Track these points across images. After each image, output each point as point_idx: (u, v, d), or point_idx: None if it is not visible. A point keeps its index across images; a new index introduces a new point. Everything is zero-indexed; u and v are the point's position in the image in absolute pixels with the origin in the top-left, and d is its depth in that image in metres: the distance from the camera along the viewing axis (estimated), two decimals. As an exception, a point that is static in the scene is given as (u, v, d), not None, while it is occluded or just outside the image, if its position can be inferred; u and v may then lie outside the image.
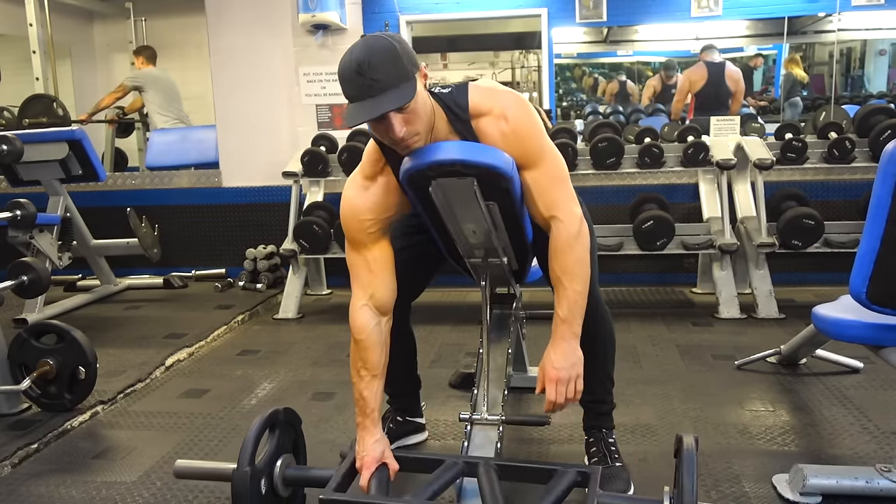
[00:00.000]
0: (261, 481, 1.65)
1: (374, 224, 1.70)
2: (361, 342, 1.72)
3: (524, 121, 1.63)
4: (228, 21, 4.51)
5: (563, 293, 1.66)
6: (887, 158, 1.60)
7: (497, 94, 1.65)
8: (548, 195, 1.65)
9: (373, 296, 1.72)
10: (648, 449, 2.14)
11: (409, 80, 1.48)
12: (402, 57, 1.49)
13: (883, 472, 1.82)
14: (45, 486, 2.07)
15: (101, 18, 7.17)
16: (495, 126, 1.61)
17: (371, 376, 1.73)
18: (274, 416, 1.73)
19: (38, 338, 2.54)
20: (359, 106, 1.48)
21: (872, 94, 6.44)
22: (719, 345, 3.13)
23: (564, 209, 1.65)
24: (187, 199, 4.69)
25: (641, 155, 3.86)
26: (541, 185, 1.64)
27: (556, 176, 1.66)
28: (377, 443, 1.72)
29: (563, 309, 1.65)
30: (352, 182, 1.74)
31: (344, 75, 1.50)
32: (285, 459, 1.74)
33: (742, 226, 3.79)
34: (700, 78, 5.45)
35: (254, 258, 4.45)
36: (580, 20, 5.69)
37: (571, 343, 1.65)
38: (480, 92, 1.64)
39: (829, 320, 1.99)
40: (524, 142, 1.62)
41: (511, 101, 1.64)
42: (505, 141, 1.60)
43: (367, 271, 1.73)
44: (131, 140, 6.61)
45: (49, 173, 3.89)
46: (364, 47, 1.49)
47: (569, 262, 1.64)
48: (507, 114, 1.61)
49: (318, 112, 4.58)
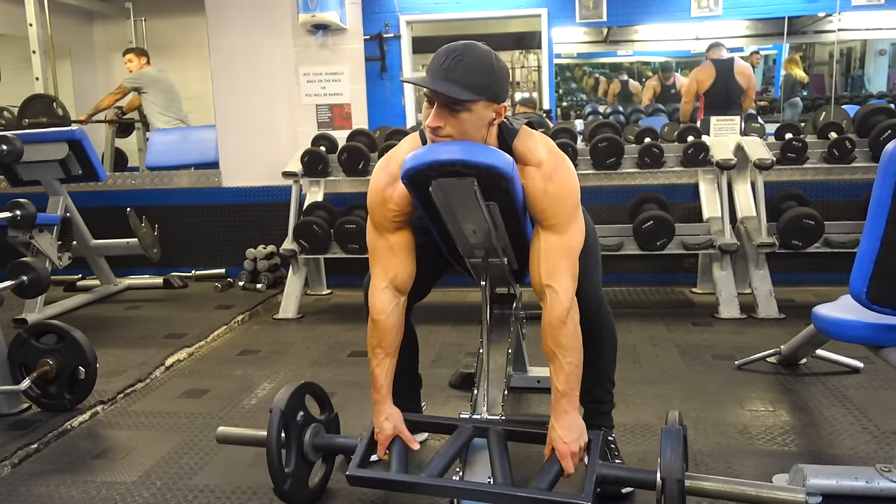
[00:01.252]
0: (292, 448, 1.79)
1: (399, 215, 1.74)
2: (380, 322, 1.78)
3: (569, 188, 1.67)
4: (228, 21, 4.51)
5: (559, 367, 1.68)
6: (887, 158, 1.60)
7: (550, 150, 1.69)
8: (552, 262, 1.67)
9: (394, 278, 1.78)
10: (648, 449, 2.14)
11: (477, 92, 1.53)
12: (490, 75, 1.55)
13: (883, 472, 1.82)
14: (45, 486, 2.07)
15: (101, 18, 7.17)
16: (541, 180, 1.65)
17: (385, 354, 1.80)
18: (308, 386, 1.90)
19: (38, 338, 2.54)
20: (422, 75, 1.55)
21: (872, 94, 6.45)
22: (719, 345, 3.13)
23: (562, 282, 1.67)
24: (187, 199, 4.69)
25: (641, 155, 3.86)
26: (551, 249, 1.67)
27: (571, 248, 1.69)
28: (388, 419, 1.80)
29: (562, 383, 1.68)
30: (384, 168, 1.76)
31: (436, 53, 1.57)
32: (315, 428, 1.86)
33: (742, 226, 3.79)
34: (708, 77, 5.27)
35: (254, 258, 4.45)
36: (580, 20, 5.70)
37: (573, 415, 1.69)
38: (532, 140, 1.69)
39: (829, 320, 1.99)
40: (560, 205, 1.66)
41: (563, 163, 1.68)
42: (545, 198, 1.65)
43: (390, 254, 1.77)
44: (131, 140, 6.62)
45: (49, 173, 3.89)
46: (469, 45, 1.57)
47: (562, 338, 1.67)
48: (555, 176, 1.66)
49: (318, 112, 4.58)
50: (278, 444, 1.74)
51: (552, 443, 1.69)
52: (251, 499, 1.95)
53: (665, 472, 1.53)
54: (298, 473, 1.81)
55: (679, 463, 1.54)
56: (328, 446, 1.89)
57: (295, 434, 1.80)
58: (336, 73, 4.52)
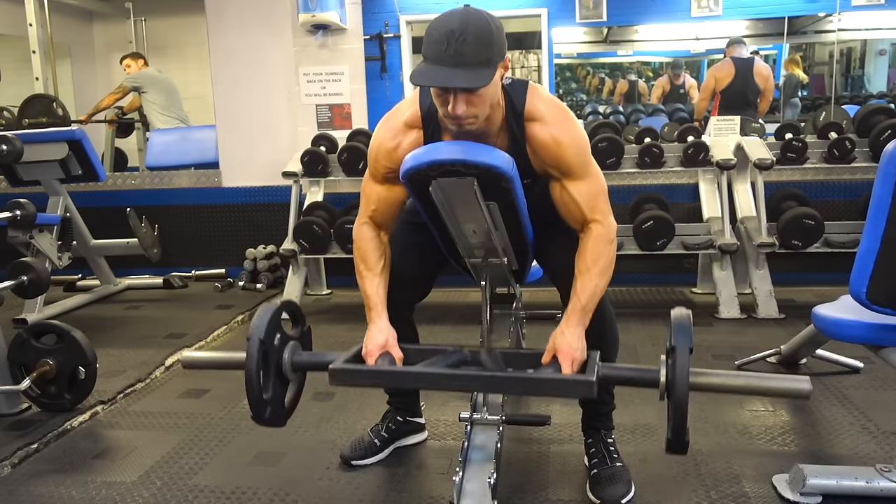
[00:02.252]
0: (270, 368, 1.71)
1: (392, 173, 1.76)
2: (361, 247, 1.86)
3: (577, 134, 1.71)
4: (228, 21, 4.50)
5: (587, 283, 1.71)
6: (887, 158, 1.61)
7: (555, 105, 1.72)
8: (591, 201, 1.74)
9: (373, 215, 1.85)
10: (648, 449, 2.14)
11: (490, 66, 1.52)
12: (495, 42, 1.52)
13: (883, 472, 1.82)
14: (45, 486, 2.07)
15: (101, 18, 7.18)
16: (548, 133, 1.68)
17: (372, 274, 1.84)
18: (287, 305, 1.82)
19: (37, 338, 2.54)
20: (432, 69, 1.51)
21: (872, 94, 6.45)
22: (719, 345, 3.13)
23: (608, 216, 1.77)
24: (187, 199, 4.69)
25: (641, 155, 3.86)
26: (585, 195, 1.73)
27: (602, 189, 1.76)
28: (381, 332, 1.78)
29: (585, 298, 1.70)
30: (390, 121, 1.79)
31: (431, 35, 1.52)
32: (293, 346, 1.78)
33: (742, 226, 3.79)
34: (727, 75, 5.17)
35: (254, 258, 4.45)
36: (580, 20, 5.71)
37: (581, 329, 1.70)
38: (538, 96, 1.71)
39: (829, 320, 1.99)
40: (573, 152, 1.69)
41: (567, 114, 1.72)
42: (558, 147, 1.68)
43: (376, 200, 1.84)
44: (131, 140, 6.62)
45: (49, 173, 3.89)
46: (463, 17, 1.51)
47: (601, 259, 1.73)
48: (562, 125, 1.69)
49: (318, 112, 4.58)
50: (258, 374, 1.65)
51: (556, 346, 1.67)
52: (251, 499, 1.95)
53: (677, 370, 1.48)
54: (276, 396, 1.74)
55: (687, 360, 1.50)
56: (307, 364, 1.80)
57: (274, 358, 1.72)
58: (336, 73, 4.51)
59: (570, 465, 2.07)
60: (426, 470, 2.09)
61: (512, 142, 1.71)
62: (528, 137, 1.70)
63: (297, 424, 2.43)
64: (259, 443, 2.30)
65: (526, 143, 1.70)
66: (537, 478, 2.00)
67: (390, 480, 2.03)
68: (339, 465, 2.12)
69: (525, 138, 1.70)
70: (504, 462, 1.96)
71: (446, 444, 2.25)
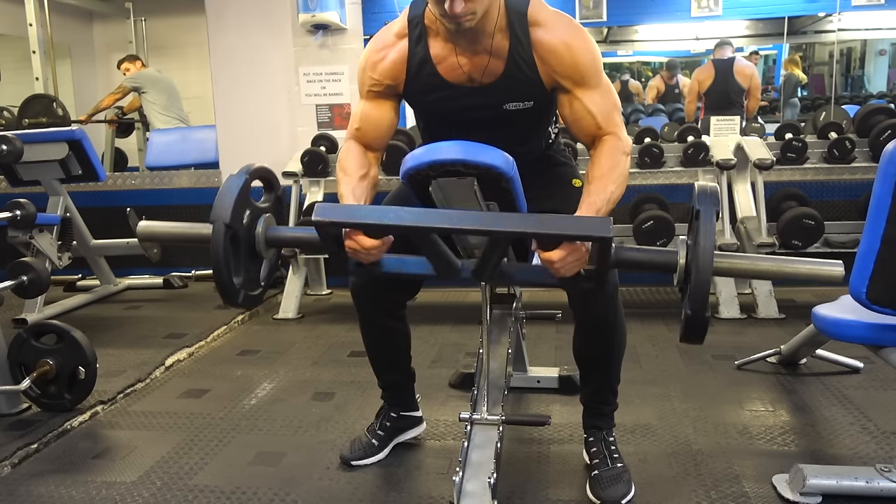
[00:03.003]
0: (240, 241, 1.57)
1: (377, 85, 1.75)
2: (342, 158, 1.79)
3: (589, 41, 1.64)
4: (228, 21, 4.50)
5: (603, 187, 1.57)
6: (887, 158, 1.60)
7: (561, 13, 1.66)
8: (604, 112, 1.64)
9: (356, 136, 1.80)
10: (648, 449, 2.14)
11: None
12: None
13: (883, 472, 1.82)
14: (45, 486, 2.07)
15: (101, 18, 7.18)
16: (558, 38, 1.61)
17: (348, 178, 1.72)
18: (257, 171, 1.64)
19: (37, 338, 2.54)
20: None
21: (872, 94, 6.46)
22: (719, 345, 3.13)
23: (622, 130, 1.66)
24: (187, 199, 4.69)
25: (641, 155, 3.86)
26: (601, 106, 1.63)
27: (617, 104, 1.68)
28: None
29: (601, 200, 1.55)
30: (380, 35, 1.76)
31: None
32: (266, 220, 1.66)
33: (742, 226, 3.79)
34: (707, 77, 5.26)
35: (254, 258, 4.44)
36: (580, 20, 5.67)
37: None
38: (542, 4, 1.65)
39: (829, 320, 1.99)
40: (586, 58, 1.61)
41: (574, 22, 1.65)
42: (570, 52, 1.60)
43: (360, 117, 1.80)
44: (131, 140, 6.63)
45: (49, 173, 3.89)
46: None
47: (618, 167, 1.61)
48: (572, 31, 1.63)
49: (318, 112, 4.58)
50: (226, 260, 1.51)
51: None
52: (251, 499, 1.95)
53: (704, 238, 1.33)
54: (249, 276, 1.60)
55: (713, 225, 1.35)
56: (282, 240, 1.66)
57: (245, 238, 1.56)
58: (336, 73, 4.51)
59: (570, 465, 2.07)
60: (426, 470, 2.09)
61: (516, 45, 1.63)
62: (534, 43, 1.62)
63: (296, 424, 2.43)
64: (259, 443, 2.30)
65: (532, 49, 1.62)
66: (537, 478, 2.00)
67: (390, 480, 2.03)
68: (339, 465, 2.12)
69: (531, 44, 1.62)
70: (504, 462, 1.95)
71: (446, 444, 2.25)
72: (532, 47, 1.62)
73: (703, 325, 1.36)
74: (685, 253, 1.43)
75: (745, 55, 6.43)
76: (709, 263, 1.32)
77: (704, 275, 1.33)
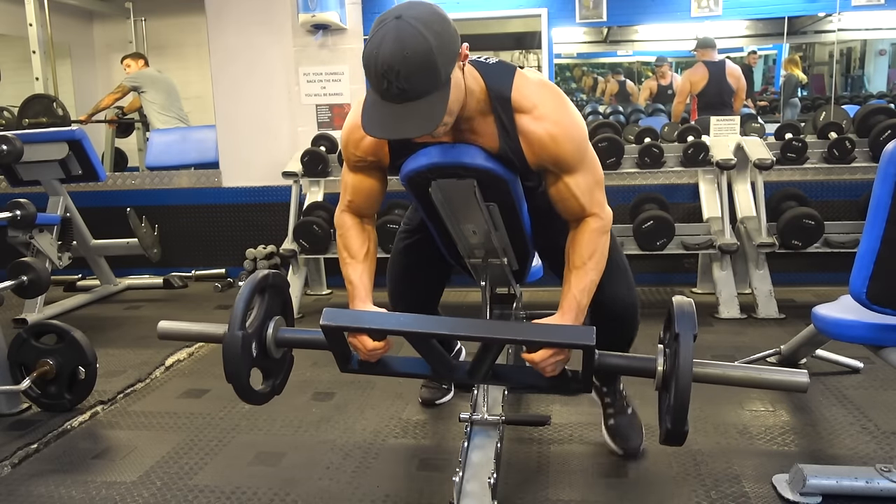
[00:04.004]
0: (252, 344, 1.64)
1: (362, 162, 1.72)
2: (343, 234, 1.81)
3: (574, 125, 1.62)
4: (228, 21, 4.50)
5: (584, 276, 1.66)
6: (887, 159, 1.61)
7: (545, 90, 1.61)
8: (590, 195, 1.66)
9: (350, 204, 1.80)
10: (648, 449, 2.14)
11: (441, 88, 1.39)
12: (438, 61, 1.36)
13: (883, 472, 1.82)
14: (45, 486, 2.07)
15: (101, 18, 7.18)
16: (543, 129, 1.57)
17: (354, 261, 1.79)
18: (264, 279, 1.70)
19: (37, 338, 2.54)
20: (381, 108, 1.39)
21: (872, 94, 6.45)
22: (719, 345, 3.13)
23: (604, 206, 1.70)
24: (187, 199, 4.69)
25: (641, 155, 3.86)
26: (584, 188, 1.65)
27: (598, 180, 1.69)
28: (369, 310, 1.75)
29: (578, 291, 1.65)
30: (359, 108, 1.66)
31: (368, 69, 1.38)
32: (277, 322, 1.73)
33: (742, 226, 3.79)
34: (701, 78, 5.39)
35: (254, 258, 4.44)
36: (580, 20, 5.71)
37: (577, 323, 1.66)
38: (526, 82, 1.60)
39: (829, 320, 1.99)
40: (570, 147, 1.60)
41: (560, 100, 1.62)
42: (555, 145, 1.58)
43: (351, 190, 1.79)
44: (131, 140, 6.62)
45: (49, 173, 3.89)
46: (396, 44, 1.34)
47: (597, 252, 1.68)
48: (557, 115, 1.59)
49: (318, 112, 4.58)
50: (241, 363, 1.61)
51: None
52: (251, 499, 1.95)
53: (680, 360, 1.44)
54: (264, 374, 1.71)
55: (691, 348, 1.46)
56: (292, 341, 1.74)
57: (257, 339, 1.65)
58: (336, 73, 4.51)
59: (570, 465, 2.07)
60: (426, 470, 2.09)
61: (503, 133, 1.59)
62: (519, 130, 1.58)
63: (296, 424, 2.43)
64: (259, 443, 2.30)
65: (518, 135, 1.59)
66: (537, 478, 2.00)
67: (390, 480, 2.03)
68: (339, 465, 2.12)
69: (517, 130, 1.58)
70: (504, 462, 1.96)
71: (446, 444, 2.24)
72: (518, 133, 1.59)
73: (682, 437, 1.47)
74: (663, 360, 1.55)
75: (745, 55, 6.44)
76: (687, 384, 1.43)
77: (683, 394, 1.42)
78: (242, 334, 1.59)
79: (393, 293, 2.17)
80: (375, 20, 1.41)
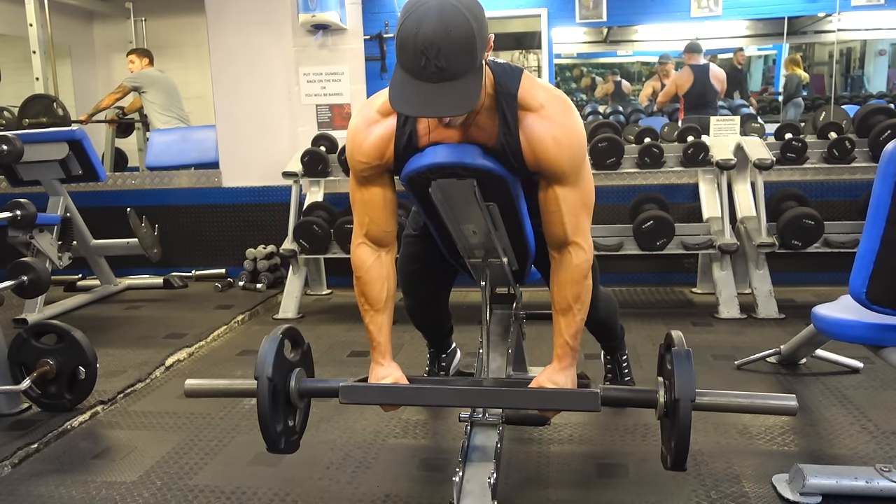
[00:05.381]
0: (278, 393, 1.71)
1: (369, 169, 1.66)
2: (361, 278, 1.75)
3: (578, 134, 1.58)
4: (228, 21, 4.50)
5: (572, 321, 1.69)
6: (887, 159, 1.61)
7: (554, 94, 1.59)
8: (575, 218, 1.62)
9: (368, 231, 1.73)
10: (648, 449, 2.14)
11: (476, 71, 1.37)
12: (477, 44, 1.36)
13: (883, 472, 1.82)
14: (45, 486, 2.07)
15: (101, 18, 7.17)
16: (548, 131, 1.54)
17: (374, 311, 1.76)
18: (287, 332, 1.78)
19: (38, 338, 2.54)
20: (413, 87, 1.36)
21: (872, 94, 6.44)
22: (719, 345, 3.13)
23: (587, 237, 1.66)
24: (187, 199, 4.69)
25: (641, 155, 3.86)
26: (570, 206, 1.61)
27: (588, 202, 1.65)
28: (386, 372, 1.75)
29: (571, 336, 1.69)
30: (363, 112, 1.65)
31: (406, 46, 1.34)
32: (298, 373, 1.78)
33: (742, 226, 3.79)
34: (686, 81, 5.68)
35: (254, 258, 4.45)
36: (580, 20, 5.71)
37: (573, 369, 1.71)
38: (535, 83, 1.58)
39: (829, 320, 1.99)
40: (568, 155, 1.56)
41: (567, 107, 1.59)
42: (558, 149, 1.54)
43: (364, 207, 1.72)
44: (131, 140, 6.62)
45: (49, 173, 3.89)
46: (438, 26, 1.32)
47: (582, 294, 1.68)
48: (563, 121, 1.56)
49: (318, 112, 4.58)
50: (272, 411, 1.66)
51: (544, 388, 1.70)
52: (251, 499, 1.95)
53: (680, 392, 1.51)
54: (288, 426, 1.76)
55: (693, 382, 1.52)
56: (313, 391, 1.81)
57: (281, 390, 1.72)
58: (336, 73, 4.51)
59: (570, 465, 2.07)
60: (426, 470, 2.09)
61: (504, 128, 1.56)
62: (522, 128, 1.55)
63: (297, 424, 2.43)
64: (259, 443, 2.27)
65: (520, 132, 1.55)
66: (537, 478, 2.00)
67: (390, 480, 2.03)
68: (339, 465, 2.12)
69: (519, 128, 1.55)
70: (504, 462, 1.96)
71: (446, 444, 2.25)
72: (520, 130, 1.55)
73: (684, 464, 1.56)
74: (663, 392, 1.61)
75: (732, 56, 6.50)
76: (688, 418, 1.50)
77: (684, 428, 1.51)
78: (272, 384, 1.66)
79: (404, 289, 2.18)
80: (409, 1, 1.38)
